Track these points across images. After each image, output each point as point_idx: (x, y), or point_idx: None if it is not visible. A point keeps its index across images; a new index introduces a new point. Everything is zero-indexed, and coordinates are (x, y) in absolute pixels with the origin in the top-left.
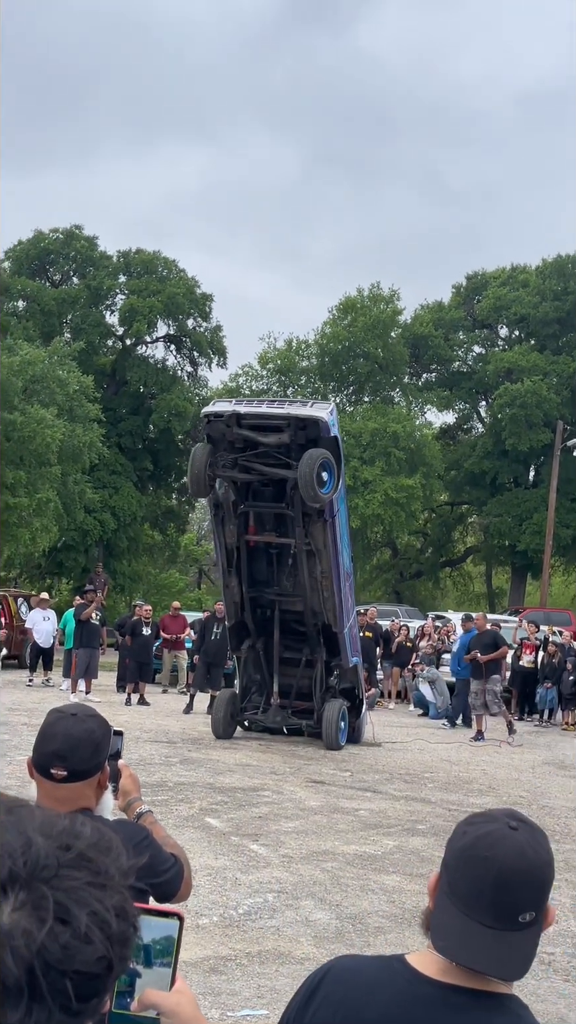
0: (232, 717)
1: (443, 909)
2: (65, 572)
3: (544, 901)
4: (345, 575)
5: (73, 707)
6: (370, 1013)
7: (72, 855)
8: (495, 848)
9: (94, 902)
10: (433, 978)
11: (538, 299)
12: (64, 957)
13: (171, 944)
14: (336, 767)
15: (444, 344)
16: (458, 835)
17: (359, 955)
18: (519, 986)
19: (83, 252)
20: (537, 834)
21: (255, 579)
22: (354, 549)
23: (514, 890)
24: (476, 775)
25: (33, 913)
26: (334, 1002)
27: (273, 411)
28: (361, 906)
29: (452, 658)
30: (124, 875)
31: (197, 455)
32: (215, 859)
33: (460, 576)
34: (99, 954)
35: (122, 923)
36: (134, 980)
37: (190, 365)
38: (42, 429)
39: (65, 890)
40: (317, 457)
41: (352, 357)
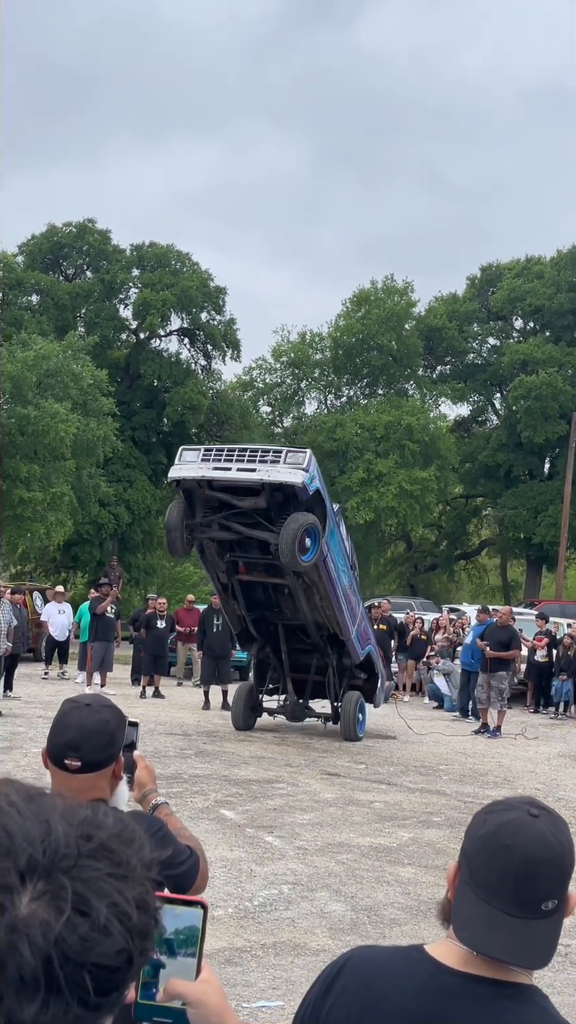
0: (251, 710)
1: (464, 899)
2: (80, 566)
3: (566, 889)
4: (345, 590)
5: (87, 697)
6: (391, 1005)
7: (93, 845)
8: (517, 836)
9: (114, 893)
10: (455, 968)
11: (553, 290)
12: (82, 949)
13: (195, 934)
14: (351, 759)
15: (458, 336)
16: (478, 823)
17: (377, 946)
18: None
19: (96, 246)
20: (558, 821)
21: (254, 603)
22: (368, 543)
23: (537, 878)
24: (491, 767)
25: (51, 903)
26: (353, 994)
27: (242, 477)
28: (376, 898)
29: (464, 650)
30: (146, 867)
31: (171, 517)
32: (230, 851)
33: (475, 569)
34: (119, 947)
35: (143, 916)
36: (158, 971)
37: (204, 358)
38: (56, 423)
39: (85, 880)
40: (300, 526)
41: (366, 350)
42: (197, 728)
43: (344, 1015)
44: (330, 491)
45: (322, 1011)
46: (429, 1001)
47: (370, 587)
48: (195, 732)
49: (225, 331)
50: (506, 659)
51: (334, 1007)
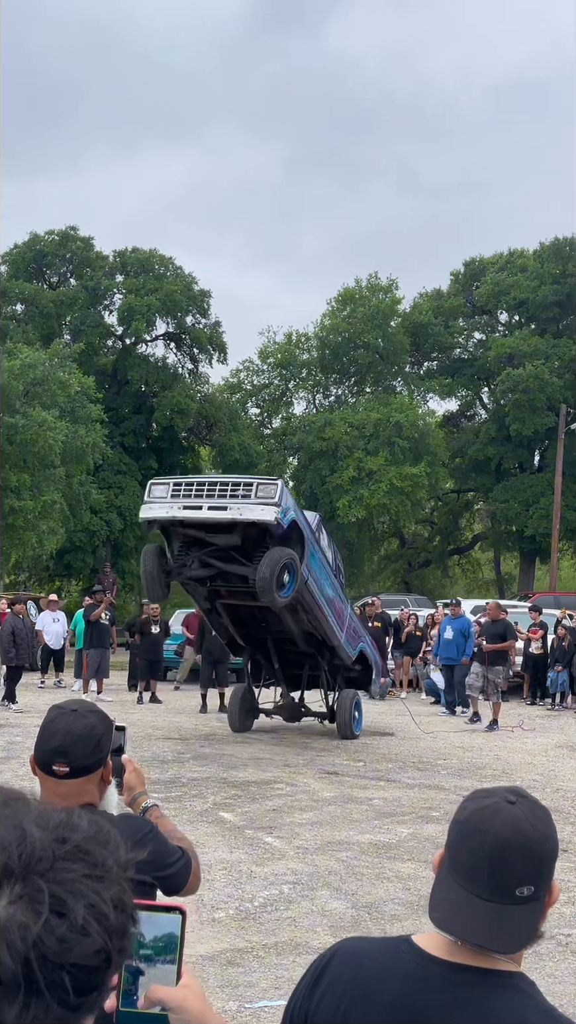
0: (248, 712)
1: (442, 883)
2: (74, 573)
3: (545, 877)
4: (330, 603)
5: (73, 703)
6: (378, 995)
7: (68, 847)
8: (490, 821)
9: (91, 894)
10: (440, 958)
11: (537, 283)
12: (61, 950)
13: (174, 940)
14: (349, 757)
15: (444, 332)
16: (459, 811)
17: (365, 937)
18: (537, 968)
19: (79, 253)
20: (537, 809)
21: (241, 621)
22: (361, 540)
23: (510, 863)
24: (489, 760)
25: (29, 906)
26: (341, 985)
27: (214, 517)
28: (376, 894)
29: (441, 645)
30: (123, 867)
31: (147, 560)
32: (230, 853)
33: (469, 563)
34: (97, 947)
35: (120, 915)
36: (138, 978)
37: (191, 362)
38: (44, 432)
39: (61, 882)
40: (276, 562)
41: (352, 348)
42: (194, 732)
43: (333, 1007)
44: (321, 490)
45: (311, 1004)
46: (415, 991)
47: (364, 585)
48: (192, 736)
49: (211, 334)
50: (503, 652)
51: (323, 999)
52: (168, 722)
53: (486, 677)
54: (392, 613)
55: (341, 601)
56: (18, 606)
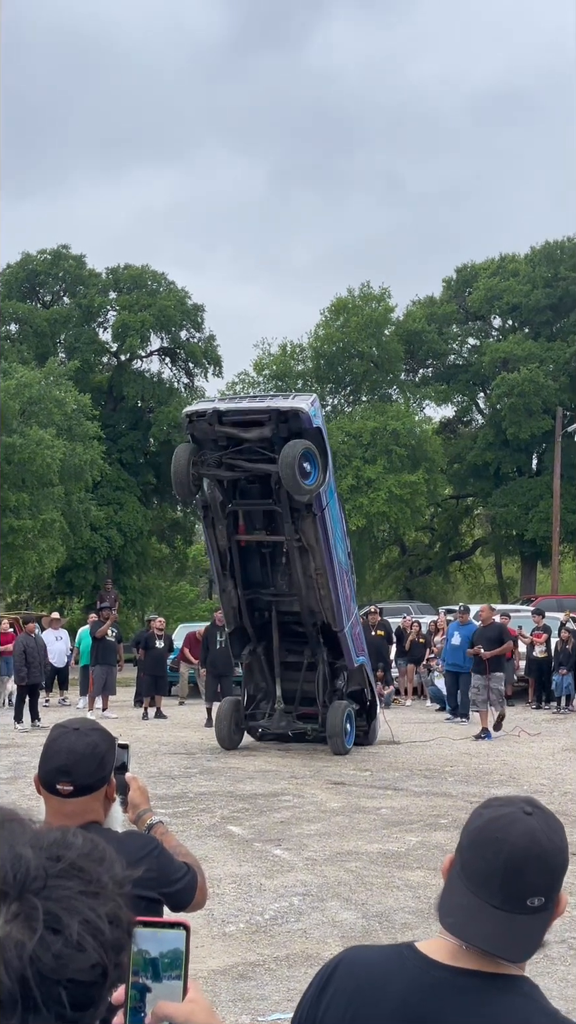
0: (237, 726)
1: (454, 888)
2: (75, 591)
3: (556, 888)
4: (341, 571)
5: (76, 722)
6: (383, 1003)
7: (63, 865)
8: (507, 831)
9: (86, 910)
10: (444, 963)
11: (529, 287)
12: (57, 966)
13: (179, 956)
14: (356, 767)
15: (438, 338)
16: (474, 817)
17: (369, 945)
18: (549, 972)
19: (72, 271)
20: (552, 821)
21: (250, 581)
22: (362, 548)
23: (524, 873)
24: (496, 766)
25: (24, 924)
26: (346, 995)
27: (253, 406)
28: (387, 903)
29: (446, 651)
30: (118, 884)
31: (179, 456)
32: (239, 866)
33: (470, 569)
34: (92, 961)
35: (116, 930)
36: (145, 995)
37: (186, 376)
38: (42, 450)
39: (56, 900)
40: (298, 448)
41: (347, 357)
42: (200, 746)
43: (339, 1016)
44: None
45: (317, 1013)
46: (420, 997)
47: (367, 593)
48: (199, 750)
49: (206, 348)
50: (501, 656)
51: (329, 1009)
52: (174, 737)
53: (488, 687)
54: (395, 621)
55: (351, 588)
56: (29, 625)
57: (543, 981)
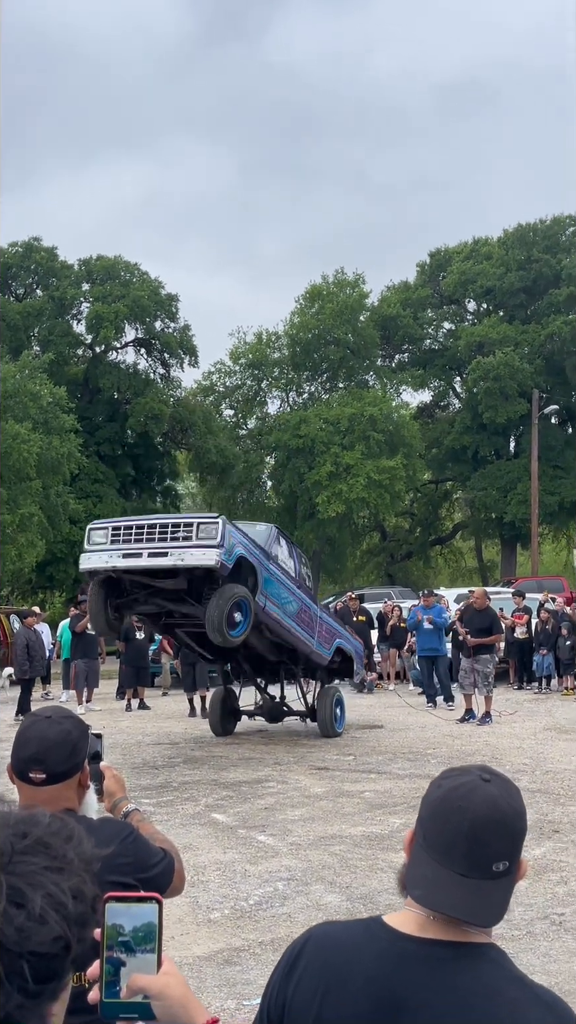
0: (230, 714)
1: (418, 860)
2: (56, 585)
3: (517, 852)
4: (295, 619)
5: (48, 710)
6: (353, 978)
7: (28, 841)
8: (468, 799)
9: (50, 885)
10: (412, 935)
11: (503, 270)
12: (20, 939)
13: (153, 930)
14: (339, 752)
15: (413, 323)
16: (432, 788)
17: (337, 921)
18: (532, 947)
19: (44, 264)
20: (509, 786)
21: (205, 642)
22: (342, 535)
23: (487, 840)
24: (479, 747)
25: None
26: (315, 971)
27: (154, 564)
28: (371, 886)
29: (419, 636)
30: (85, 861)
31: (93, 606)
32: (223, 853)
33: (451, 553)
34: (55, 934)
35: (80, 904)
36: (119, 969)
37: (162, 367)
38: (18, 444)
39: (21, 875)
40: (227, 601)
41: (323, 344)
42: (184, 736)
43: (310, 992)
44: (299, 487)
45: (288, 991)
46: (389, 970)
47: (348, 579)
48: (182, 740)
49: (181, 338)
50: (489, 644)
51: (299, 985)
52: (157, 728)
53: (475, 670)
54: (376, 607)
55: (308, 609)
56: (30, 619)
57: (526, 957)
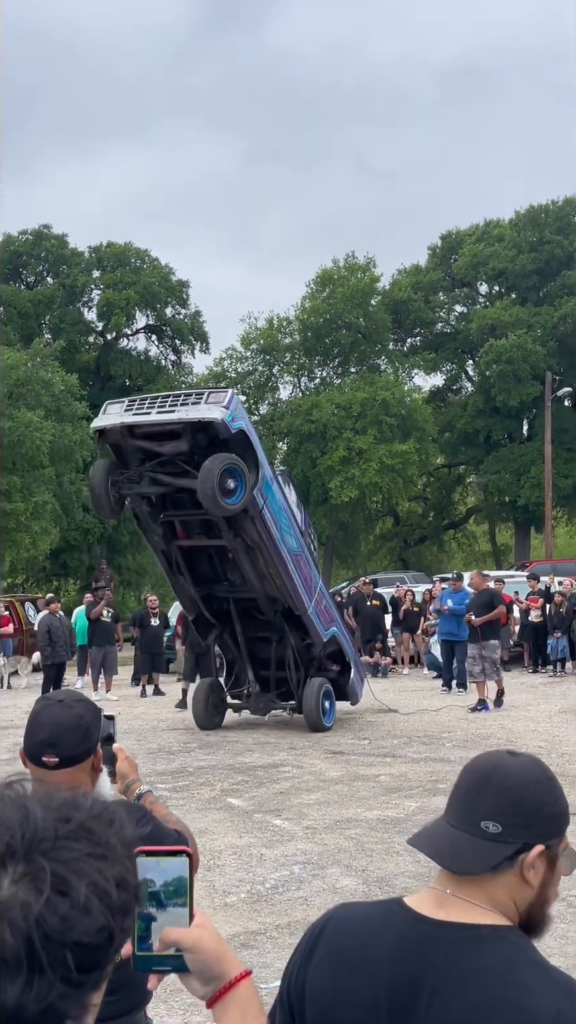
0: (215, 706)
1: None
2: (70, 572)
3: (519, 825)
4: (295, 558)
5: (60, 693)
6: (372, 960)
7: (72, 826)
8: (490, 759)
9: (94, 872)
10: (431, 917)
11: (515, 252)
12: (63, 928)
13: (183, 884)
14: (354, 736)
15: (425, 307)
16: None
17: (357, 903)
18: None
19: (54, 251)
20: (538, 765)
21: (201, 578)
22: (355, 520)
23: (482, 794)
24: (494, 730)
25: (31, 885)
26: (334, 954)
27: (162, 418)
28: (387, 869)
29: (441, 620)
30: (126, 846)
31: (96, 475)
32: (239, 837)
33: (464, 537)
34: (99, 924)
35: (123, 893)
36: (150, 924)
37: (173, 353)
38: (31, 432)
39: (64, 861)
40: (217, 465)
41: (334, 329)
42: None
43: (329, 975)
44: (312, 473)
45: (307, 973)
46: (408, 953)
47: (362, 564)
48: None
49: (192, 324)
50: (495, 622)
51: (318, 967)
52: (173, 713)
53: (482, 656)
54: (390, 591)
55: (309, 566)
56: (53, 605)
57: (543, 939)
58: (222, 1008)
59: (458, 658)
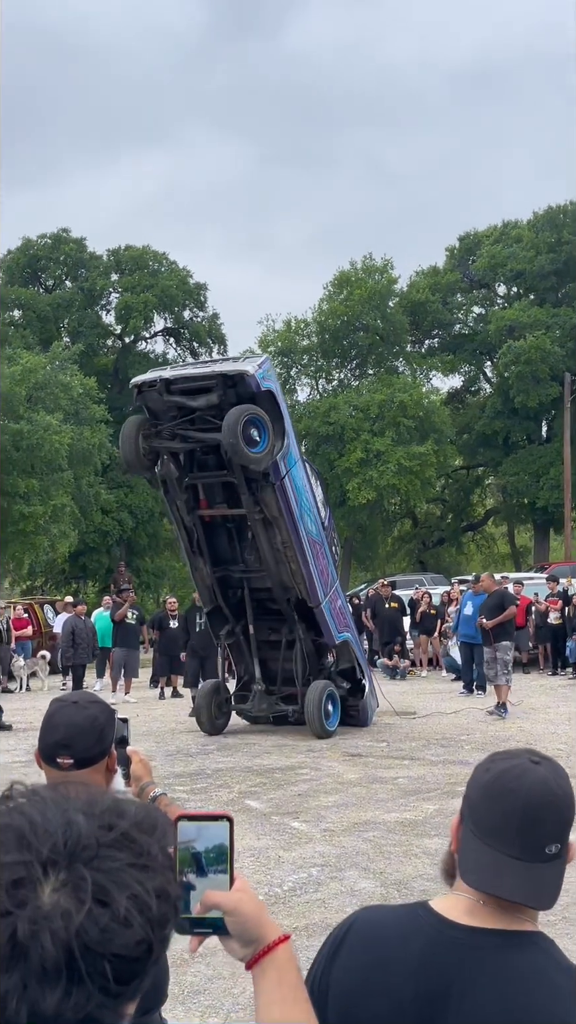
0: (219, 709)
1: (470, 847)
2: (89, 575)
3: (567, 834)
4: (312, 542)
5: (75, 695)
6: (399, 962)
7: (114, 835)
8: (520, 781)
9: (135, 884)
10: (459, 922)
11: (533, 253)
12: (103, 940)
13: (224, 850)
14: (372, 739)
15: (443, 308)
16: (480, 772)
17: (383, 905)
18: (568, 934)
19: (73, 255)
20: (559, 769)
21: (219, 557)
22: (373, 522)
23: (540, 822)
24: (513, 732)
25: (72, 894)
26: (359, 956)
27: (198, 371)
28: (405, 871)
29: (461, 621)
30: (167, 855)
31: (127, 430)
32: (257, 840)
33: (483, 539)
34: (138, 937)
35: (163, 905)
36: (189, 892)
37: (191, 356)
38: (50, 435)
39: (105, 871)
40: (240, 414)
41: (352, 331)
42: None
43: (353, 977)
44: (330, 475)
45: (331, 976)
46: (436, 957)
47: (380, 566)
48: None
49: (209, 327)
50: (509, 624)
51: (342, 970)
52: (191, 716)
53: (496, 659)
54: (408, 593)
55: (327, 559)
56: (79, 607)
57: (562, 942)
58: (260, 970)
59: (477, 660)
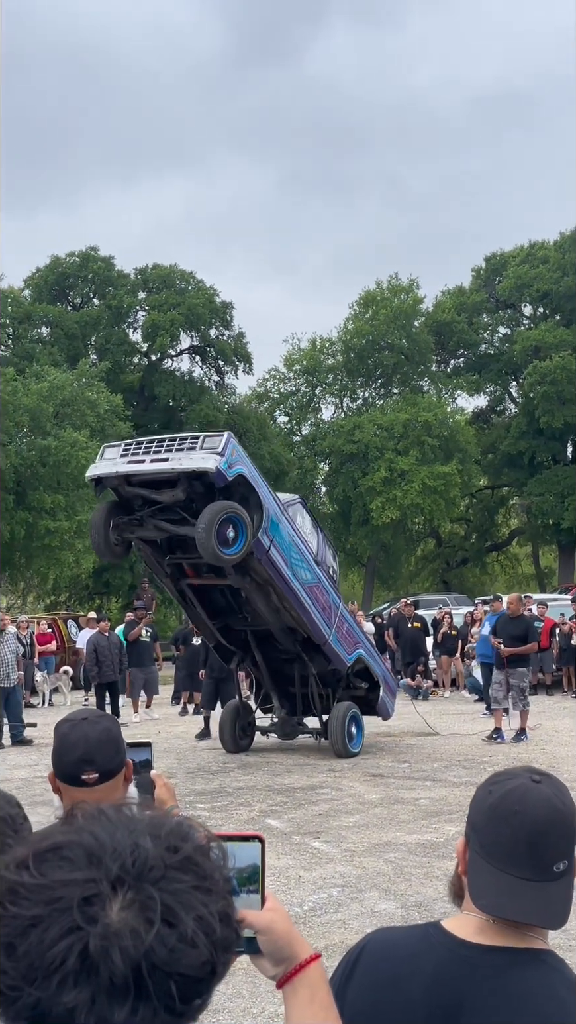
0: (243, 730)
1: (478, 870)
2: (112, 591)
3: (573, 850)
4: (308, 589)
5: (82, 712)
6: (412, 983)
7: (180, 857)
8: (524, 802)
9: (200, 906)
10: (471, 941)
11: (559, 273)
12: (170, 959)
13: (256, 871)
14: (394, 759)
15: (468, 328)
16: (483, 795)
17: (395, 927)
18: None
19: (100, 273)
20: (560, 785)
21: (217, 611)
22: (397, 541)
23: (547, 841)
24: (536, 755)
25: (140, 913)
26: (372, 978)
27: (156, 467)
28: (426, 893)
29: (480, 642)
30: (228, 880)
31: (95, 518)
32: (277, 859)
33: (507, 559)
34: (203, 959)
35: (226, 929)
36: None
37: (217, 374)
38: (76, 452)
39: (172, 892)
40: (215, 515)
41: (377, 350)
42: None
43: (367, 999)
44: (354, 493)
45: (345, 998)
46: (448, 975)
47: (404, 586)
48: None
49: (235, 345)
50: (523, 655)
51: (355, 992)
52: (213, 732)
53: (509, 683)
54: (431, 613)
55: (326, 592)
56: (103, 624)
57: (567, 957)
58: (291, 989)
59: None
